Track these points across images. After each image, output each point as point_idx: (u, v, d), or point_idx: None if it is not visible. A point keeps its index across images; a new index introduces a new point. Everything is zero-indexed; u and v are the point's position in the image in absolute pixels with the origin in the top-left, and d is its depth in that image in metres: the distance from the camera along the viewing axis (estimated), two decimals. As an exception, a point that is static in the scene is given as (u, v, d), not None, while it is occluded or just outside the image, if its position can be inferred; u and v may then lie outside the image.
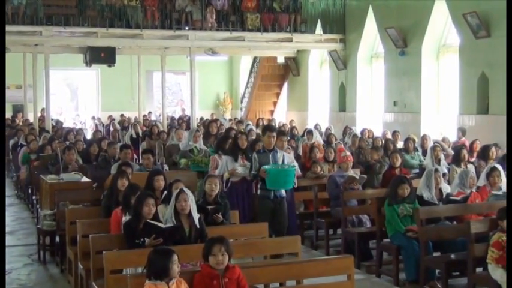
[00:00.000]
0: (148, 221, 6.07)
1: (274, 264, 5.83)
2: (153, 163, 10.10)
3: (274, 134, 8.59)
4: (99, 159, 11.11)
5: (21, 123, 21.00)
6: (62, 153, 10.73)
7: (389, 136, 15.01)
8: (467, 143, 12.96)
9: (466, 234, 6.81)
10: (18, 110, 23.87)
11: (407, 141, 12.49)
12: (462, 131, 14.49)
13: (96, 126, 23.34)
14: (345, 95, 20.75)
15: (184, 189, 6.14)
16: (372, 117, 19.60)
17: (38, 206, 10.05)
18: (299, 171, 9.72)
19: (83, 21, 18.64)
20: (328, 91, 21.86)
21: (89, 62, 20.06)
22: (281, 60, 24.28)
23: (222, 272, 4.86)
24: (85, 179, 9.56)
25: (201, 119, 21.65)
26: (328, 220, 9.35)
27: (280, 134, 9.00)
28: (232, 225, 7.05)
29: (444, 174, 9.58)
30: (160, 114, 23.51)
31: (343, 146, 12.03)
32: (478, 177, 8.56)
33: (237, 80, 28.72)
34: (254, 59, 25.64)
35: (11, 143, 16.54)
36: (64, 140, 14.62)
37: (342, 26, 20.58)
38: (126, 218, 6.42)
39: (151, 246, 5.53)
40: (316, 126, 17.95)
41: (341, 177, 9.37)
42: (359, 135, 14.39)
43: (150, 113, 25.35)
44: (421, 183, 8.11)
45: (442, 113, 17.14)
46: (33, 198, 11.67)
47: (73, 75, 29.43)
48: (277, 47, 21.24)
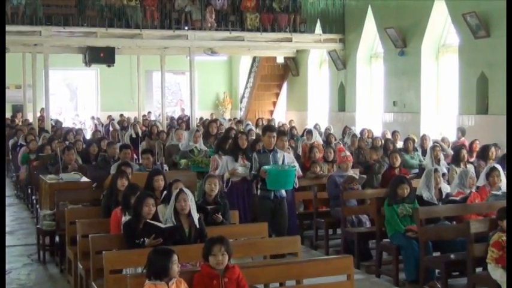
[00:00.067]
0: (148, 221, 6.07)
1: (274, 264, 5.83)
2: (152, 163, 10.10)
3: (275, 134, 8.54)
4: (99, 159, 11.11)
5: (20, 123, 20.98)
6: (62, 153, 10.73)
7: (389, 136, 15.00)
8: (466, 143, 12.94)
9: (466, 234, 6.81)
10: (17, 110, 23.85)
11: (406, 141, 12.48)
12: (462, 131, 14.48)
13: (95, 126, 23.33)
14: (344, 95, 20.74)
15: (184, 189, 6.14)
16: (372, 117, 19.59)
17: (38, 206, 10.05)
18: (300, 172, 9.69)
19: (82, 21, 18.63)
20: (327, 91, 21.86)
21: (88, 62, 20.06)
22: (280, 60, 24.26)
23: (221, 272, 4.86)
24: (85, 179, 9.55)
25: (201, 119, 21.64)
26: (327, 220, 9.35)
27: (280, 134, 8.97)
28: (232, 225, 7.05)
29: (444, 174, 9.59)
30: (159, 114, 23.51)
31: (343, 146, 12.03)
32: (477, 177, 8.56)
33: (237, 80, 28.71)
34: (253, 59, 25.62)
35: (11, 143, 16.53)
36: (64, 140, 14.61)
37: (341, 26, 20.57)
38: (125, 218, 6.42)
39: (151, 246, 5.54)
40: (315, 126, 17.93)
41: (341, 177, 9.36)
42: (358, 135, 14.39)
43: (149, 113, 25.35)
44: (420, 183, 8.11)
45: (442, 113, 17.13)
46: (33, 198, 11.67)
47: (72, 75, 29.41)
48: (277, 47, 21.23)
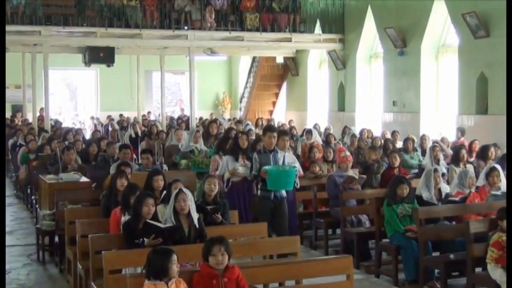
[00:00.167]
0: (148, 221, 6.07)
1: (273, 264, 5.84)
2: (152, 163, 10.10)
3: (275, 134, 8.47)
4: (98, 159, 11.10)
5: (20, 123, 20.98)
6: (61, 153, 10.74)
7: (389, 136, 15.00)
8: (466, 143, 12.94)
9: (465, 234, 6.81)
10: (17, 109, 23.85)
11: (406, 141, 12.47)
12: (461, 131, 14.48)
13: (95, 126, 23.33)
14: (344, 95, 20.73)
15: (183, 189, 6.14)
16: (371, 117, 19.59)
17: (37, 206, 10.04)
18: (301, 171, 9.67)
19: (82, 21, 18.64)
20: (327, 91, 21.85)
21: (88, 62, 20.07)
22: (280, 60, 24.26)
23: (221, 272, 4.86)
24: (84, 179, 9.55)
25: (200, 119, 21.64)
26: (327, 220, 9.35)
27: (282, 133, 8.88)
28: (232, 225, 7.05)
29: (443, 174, 9.58)
30: (159, 114, 23.51)
31: (342, 146, 12.02)
32: (477, 177, 8.56)
33: (236, 80, 28.70)
34: (253, 58, 25.62)
35: (10, 142, 16.54)
36: (63, 140, 14.62)
37: (341, 26, 20.56)
38: (125, 218, 6.41)
39: (150, 246, 5.54)
40: (315, 126, 17.91)
41: (340, 177, 9.36)
42: (358, 135, 14.39)
43: (149, 112, 25.35)
44: (420, 183, 8.11)
45: (441, 113, 17.13)
46: (32, 198, 11.67)
47: (72, 75, 29.44)
48: (276, 47, 21.23)
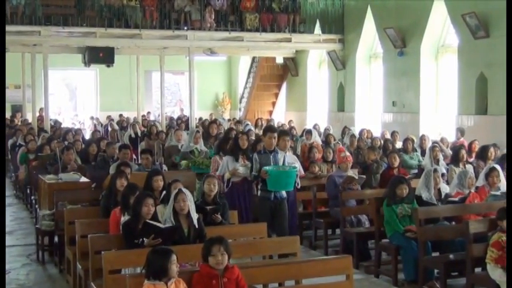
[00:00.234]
0: (147, 221, 6.07)
1: (273, 264, 5.83)
2: (151, 163, 10.09)
3: (275, 135, 8.40)
4: (98, 159, 11.10)
5: (19, 123, 20.98)
6: (61, 153, 10.73)
7: (388, 136, 14.99)
8: (465, 143, 12.94)
9: (465, 234, 6.81)
10: (16, 110, 23.84)
11: (406, 141, 12.47)
12: (461, 131, 14.48)
13: (94, 126, 23.33)
14: (343, 95, 20.74)
15: (183, 190, 6.14)
16: (371, 117, 19.59)
17: (37, 206, 10.04)
18: (302, 171, 9.65)
19: (81, 21, 18.63)
20: (326, 91, 21.86)
21: (87, 62, 20.06)
22: (280, 60, 24.26)
23: (221, 272, 4.85)
24: (84, 179, 9.53)
25: (200, 119, 21.65)
26: (327, 220, 9.35)
27: (282, 134, 8.84)
28: (231, 225, 7.05)
29: (443, 175, 9.58)
30: (159, 115, 23.51)
31: (342, 146, 12.02)
32: (476, 177, 8.56)
33: (236, 80, 28.71)
34: (253, 59, 25.62)
35: (10, 142, 16.53)
36: (63, 140, 14.62)
37: (340, 26, 20.57)
38: (125, 218, 6.41)
39: (150, 246, 5.54)
40: (315, 126, 17.91)
41: (340, 178, 9.35)
42: (357, 136, 14.39)
43: (148, 113, 25.35)
44: (419, 184, 8.11)
45: (441, 113, 17.13)
46: (32, 198, 11.67)
47: (72, 75, 29.45)
48: (276, 47, 21.23)
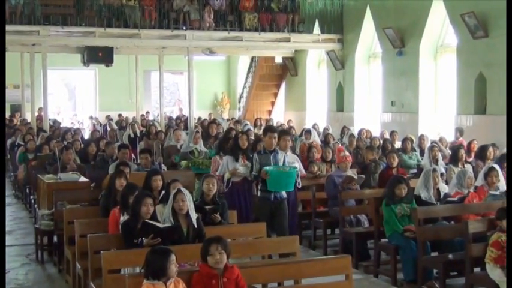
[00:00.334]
0: (147, 220, 6.06)
1: (272, 264, 5.83)
2: (150, 163, 10.09)
3: (276, 135, 8.35)
4: (97, 159, 11.09)
5: (18, 123, 20.97)
6: (60, 153, 10.73)
7: (387, 136, 14.99)
8: (464, 143, 12.94)
9: (464, 234, 6.81)
10: (15, 109, 23.85)
11: (405, 141, 12.47)
12: (460, 131, 14.49)
13: (94, 126, 23.33)
14: (342, 95, 20.74)
15: (182, 189, 6.14)
16: (370, 117, 19.59)
17: (36, 206, 10.04)
18: (303, 171, 9.62)
19: (80, 21, 18.61)
20: (326, 91, 21.86)
21: (86, 62, 20.07)
22: (279, 60, 24.27)
23: (221, 272, 4.85)
24: (83, 179, 9.53)
25: (199, 119, 21.65)
26: (326, 220, 9.35)
27: (283, 133, 8.80)
28: (230, 225, 7.05)
29: (442, 174, 9.59)
30: (158, 114, 23.51)
31: (342, 146, 12.02)
32: (475, 177, 8.57)
33: (235, 80, 28.72)
34: (252, 58, 25.62)
35: (9, 142, 16.52)
36: (62, 140, 14.62)
37: (339, 26, 20.57)
38: (124, 218, 6.41)
39: (149, 246, 5.54)
40: (314, 126, 17.93)
41: (339, 177, 9.35)
42: (356, 135, 14.38)
43: (147, 112, 25.36)
44: (419, 183, 8.12)
45: (440, 113, 17.14)
46: (31, 198, 11.66)
47: (71, 75, 29.44)
48: (275, 47, 21.23)
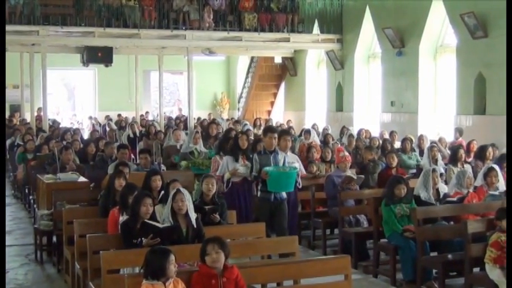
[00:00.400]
0: (146, 220, 6.06)
1: (271, 264, 5.84)
2: (150, 163, 10.09)
3: (276, 135, 8.31)
4: (97, 159, 11.08)
5: (18, 123, 20.96)
6: (59, 153, 10.72)
7: (387, 136, 14.99)
8: (464, 143, 12.94)
9: (463, 234, 6.81)
10: (15, 109, 23.83)
11: (404, 141, 12.46)
12: (459, 131, 14.49)
13: (93, 126, 23.32)
14: (342, 95, 20.74)
15: (181, 189, 6.14)
16: (369, 117, 19.58)
17: (35, 206, 10.04)
18: (303, 171, 9.60)
19: (80, 21, 18.61)
20: (325, 91, 21.86)
21: (86, 62, 20.06)
22: (278, 60, 24.27)
23: (220, 272, 4.86)
24: (82, 179, 9.53)
25: (198, 119, 21.64)
26: (325, 220, 9.35)
27: (284, 133, 8.75)
28: (230, 225, 7.05)
29: (441, 175, 9.59)
30: (157, 114, 23.50)
31: (341, 146, 12.02)
32: (475, 177, 8.57)
33: (234, 80, 28.72)
34: (251, 59, 25.62)
35: (8, 142, 16.50)
36: (61, 140, 14.61)
37: (339, 26, 20.57)
38: (123, 218, 6.40)
39: (148, 246, 5.54)
40: (313, 126, 17.94)
41: (339, 177, 9.35)
42: (355, 135, 14.38)
43: (147, 112, 25.35)
44: (418, 183, 8.12)
45: (439, 113, 17.14)
46: (30, 198, 11.66)
47: (70, 75, 29.44)
48: (275, 47, 21.24)
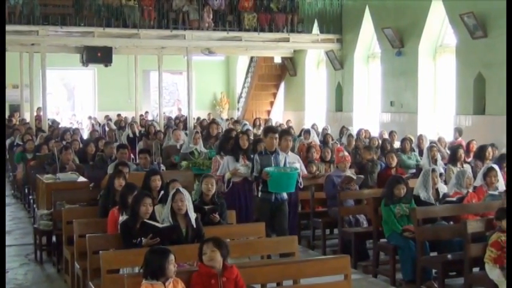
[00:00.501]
0: (145, 220, 6.07)
1: (271, 264, 5.84)
2: (149, 163, 10.09)
3: (277, 135, 8.26)
4: (96, 159, 11.09)
5: (17, 123, 20.96)
6: (59, 153, 10.72)
7: (386, 136, 14.99)
8: (463, 143, 12.95)
9: (463, 234, 6.82)
10: (14, 109, 23.82)
11: (403, 141, 12.46)
12: (458, 131, 14.49)
13: (92, 126, 23.32)
14: (341, 95, 20.74)
15: (181, 189, 6.14)
16: (369, 117, 19.59)
17: (35, 206, 10.04)
18: (304, 171, 9.59)
19: (79, 21, 18.60)
20: (325, 91, 21.85)
21: (85, 62, 20.04)
22: (278, 60, 24.26)
23: (220, 272, 4.86)
24: (82, 179, 9.53)
25: (198, 118, 21.64)
26: (325, 220, 9.35)
27: (284, 133, 8.71)
28: (229, 225, 7.06)
29: (441, 174, 9.59)
30: (157, 114, 23.49)
31: (341, 146, 12.02)
32: (474, 177, 8.58)
33: (234, 80, 28.71)
34: (251, 59, 25.62)
35: (8, 142, 16.50)
36: (61, 140, 14.61)
37: (338, 26, 20.57)
38: (123, 218, 6.41)
39: (148, 246, 5.54)
40: (313, 126, 17.94)
41: (338, 177, 9.35)
42: (355, 135, 14.38)
43: (146, 112, 25.34)
44: (418, 183, 8.12)
45: (439, 113, 17.14)
46: (30, 197, 11.66)
47: (70, 75, 29.41)
48: (274, 47, 21.22)
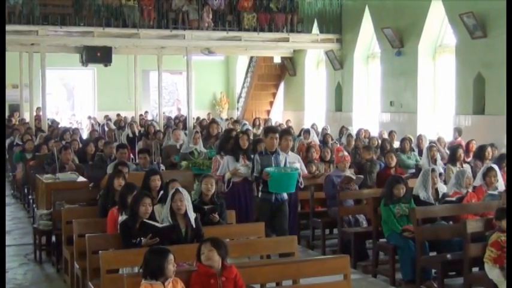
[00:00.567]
0: (145, 220, 6.07)
1: (270, 264, 5.83)
2: (149, 163, 10.09)
3: (277, 135, 8.25)
4: (96, 159, 11.09)
5: (17, 123, 20.95)
6: (59, 152, 10.71)
7: (386, 136, 14.99)
8: (463, 143, 12.95)
9: (462, 234, 6.82)
10: (14, 109, 23.81)
11: (403, 141, 12.47)
12: (458, 131, 14.49)
13: (92, 125, 23.32)
14: (341, 95, 20.74)
15: (180, 189, 6.14)
16: (369, 117, 19.59)
17: (34, 206, 10.03)
18: (305, 170, 9.59)
19: (79, 21, 18.59)
20: (324, 91, 21.86)
21: (85, 62, 20.04)
22: (277, 60, 24.26)
23: (219, 271, 4.86)
24: (81, 179, 9.52)
25: (198, 118, 21.63)
26: (324, 220, 9.35)
27: (284, 133, 8.69)
28: (229, 225, 7.06)
29: (440, 174, 9.59)
30: (156, 114, 23.49)
31: (340, 146, 12.02)
32: (474, 177, 8.58)
33: (234, 80, 28.71)
34: (250, 58, 25.62)
35: (7, 142, 16.50)
36: (60, 140, 14.60)
37: (338, 26, 20.57)
38: (122, 218, 6.41)
39: (147, 246, 5.54)
40: (312, 126, 17.94)
41: (338, 177, 9.35)
42: (354, 135, 14.38)
43: (146, 112, 25.33)
44: (417, 183, 8.12)
45: (438, 113, 17.14)
46: (30, 197, 11.66)
47: (69, 75, 29.41)
48: (274, 47, 21.22)
